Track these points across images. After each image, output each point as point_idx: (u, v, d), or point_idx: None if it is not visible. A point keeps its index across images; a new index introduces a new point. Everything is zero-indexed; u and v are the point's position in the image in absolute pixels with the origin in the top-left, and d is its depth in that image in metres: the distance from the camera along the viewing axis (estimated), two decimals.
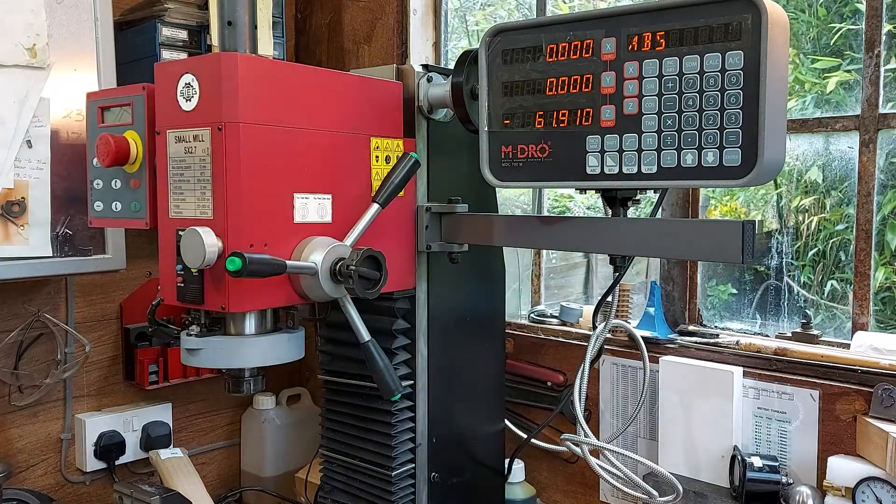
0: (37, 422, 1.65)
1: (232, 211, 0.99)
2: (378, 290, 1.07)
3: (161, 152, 1.07)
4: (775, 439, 1.37)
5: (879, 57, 1.34)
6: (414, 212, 1.25)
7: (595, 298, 1.87)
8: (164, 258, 1.07)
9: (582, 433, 1.27)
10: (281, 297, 1.07)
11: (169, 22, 1.58)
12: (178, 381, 1.78)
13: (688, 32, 0.92)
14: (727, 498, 1.34)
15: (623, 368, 1.56)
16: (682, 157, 0.94)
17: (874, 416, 1.25)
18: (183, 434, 1.88)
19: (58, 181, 1.46)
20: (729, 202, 1.70)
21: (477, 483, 1.42)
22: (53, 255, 1.47)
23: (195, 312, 1.10)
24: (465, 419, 1.38)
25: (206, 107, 1.01)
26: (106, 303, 1.73)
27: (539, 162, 1.06)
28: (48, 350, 1.65)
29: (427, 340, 1.29)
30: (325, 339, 1.34)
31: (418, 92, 1.24)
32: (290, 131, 1.05)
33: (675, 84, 0.94)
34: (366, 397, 1.29)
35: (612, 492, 1.57)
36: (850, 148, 1.43)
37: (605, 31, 0.98)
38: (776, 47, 0.89)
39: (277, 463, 1.91)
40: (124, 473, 1.75)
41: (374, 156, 1.18)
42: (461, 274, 1.34)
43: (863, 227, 1.37)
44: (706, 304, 1.62)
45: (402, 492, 1.29)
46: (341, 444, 1.34)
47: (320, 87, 1.09)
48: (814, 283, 1.53)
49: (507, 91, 1.07)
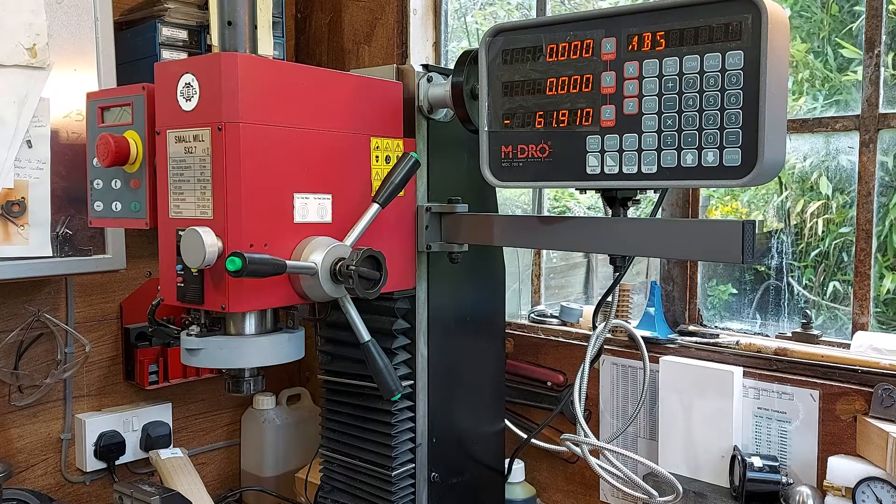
0: (37, 422, 1.65)
1: (232, 211, 0.99)
2: (378, 290, 1.07)
3: (161, 152, 1.07)
4: (775, 439, 1.37)
5: (879, 57, 1.34)
6: (414, 212, 1.25)
7: (595, 298, 1.87)
8: (164, 258, 1.07)
9: (582, 433, 1.27)
10: (281, 297, 1.07)
11: (169, 22, 1.58)
12: (178, 381, 1.78)
13: (688, 32, 0.92)
14: (727, 498, 1.34)
15: (623, 368, 1.56)
16: (683, 157, 0.94)
17: (874, 416, 1.25)
18: (183, 434, 1.88)
19: (58, 181, 1.47)
20: (730, 202, 1.70)
21: (477, 483, 1.42)
22: (53, 255, 1.47)
23: (195, 312, 1.10)
24: (465, 419, 1.38)
25: (206, 107, 1.01)
26: (106, 303, 1.73)
27: (539, 162, 1.06)
28: (48, 350, 1.65)
29: (427, 340, 1.29)
30: (325, 339, 1.34)
31: (418, 92, 1.24)
32: (290, 131, 1.05)
33: (676, 84, 0.94)
34: (366, 397, 1.29)
35: (611, 492, 1.57)
36: (850, 148, 1.43)
37: (605, 30, 0.98)
38: (776, 47, 0.89)
39: (277, 463, 1.91)
40: (124, 473, 1.75)
41: (374, 156, 1.17)
42: (461, 274, 1.34)
43: (863, 228, 1.37)
44: (706, 304, 1.62)
45: (402, 492, 1.29)
46: (341, 444, 1.34)
47: (320, 87, 1.09)
48: (815, 284, 1.53)
49: (507, 91, 1.07)
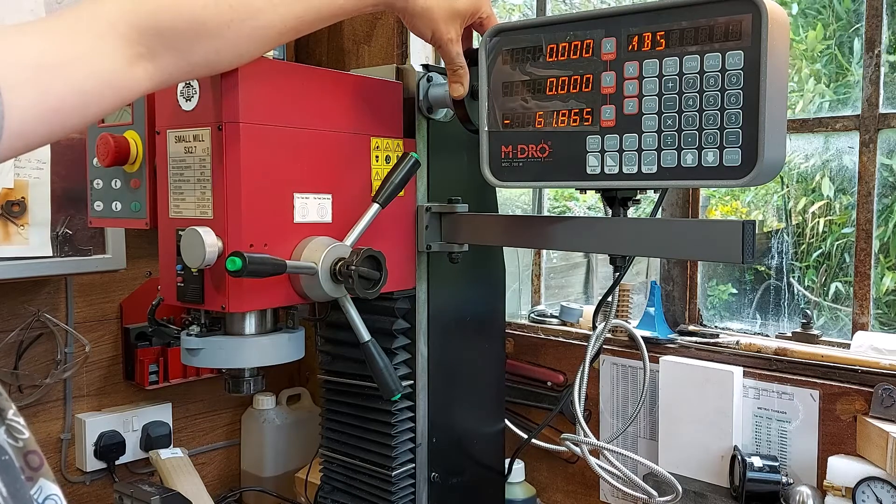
0: (37, 422, 1.65)
1: (232, 211, 0.99)
2: (378, 290, 1.07)
3: (161, 152, 1.07)
4: (775, 439, 1.37)
5: (879, 57, 1.34)
6: (414, 212, 1.25)
7: (595, 298, 1.87)
8: (164, 258, 1.07)
9: (582, 433, 1.27)
10: (281, 297, 1.07)
11: None
12: (178, 381, 1.78)
13: (688, 32, 0.92)
14: (727, 498, 1.34)
15: (623, 368, 1.56)
16: (683, 157, 0.94)
17: (874, 416, 1.25)
18: (183, 434, 1.88)
19: (58, 181, 1.46)
20: (730, 202, 1.70)
21: (477, 483, 1.42)
22: (53, 255, 1.47)
23: (195, 312, 1.10)
24: (465, 419, 1.38)
25: (206, 106, 1.01)
26: (106, 303, 1.73)
27: (539, 162, 1.06)
28: (48, 350, 1.65)
29: (427, 340, 1.29)
30: (325, 339, 1.34)
31: (418, 92, 1.24)
32: (290, 131, 1.05)
33: (676, 84, 0.94)
34: (366, 397, 1.29)
35: (611, 492, 1.57)
36: (850, 148, 1.43)
37: (605, 31, 0.98)
38: (776, 47, 0.89)
39: (277, 463, 1.91)
40: (124, 473, 1.75)
41: (374, 156, 1.17)
42: (461, 274, 1.34)
43: (863, 227, 1.37)
44: (706, 304, 1.62)
45: (402, 492, 1.29)
46: (341, 444, 1.34)
47: (320, 87, 1.09)
48: (817, 285, 1.53)
49: (507, 91, 1.07)
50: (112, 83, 0.80)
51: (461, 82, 1.13)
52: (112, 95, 0.80)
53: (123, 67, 0.80)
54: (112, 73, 0.79)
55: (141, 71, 0.83)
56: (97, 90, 0.78)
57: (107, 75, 0.79)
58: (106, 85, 0.79)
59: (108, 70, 0.79)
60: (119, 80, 0.80)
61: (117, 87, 0.80)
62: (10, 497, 0.56)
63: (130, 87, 0.82)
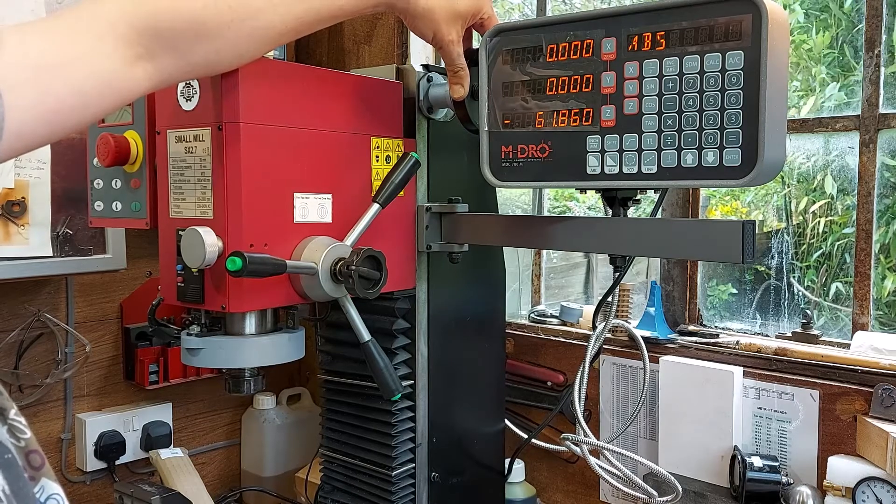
0: (37, 422, 1.65)
1: (232, 211, 0.99)
2: (378, 290, 1.07)
3: (161, 152, 1.07)
4: (775, 439, 1.37)
5: (879, 57, 1.34)
6: (414, 212, 1.25)
7: (595, 298, 1.87)
8: (164, 258, 1.08)
9: (582, 433, 1.27)
10: (281, 297, 1.07)
11: None
12: (179, 381, 1.78)
13: (688, 32, 0.92)
14: (727, 498, 1.34)
15: (623, 368, 1.56)
16: (683, 157, 0.94)
17: (874, 416, 1.25)
18: (183, 434, 1.88)
19: (58, 181, 1.46)
20: (730, 202, 1.70)
21: (477, 483, 1.42)
22: (53, 254, 1.47)
23: (195, 312, 1.10)
24: (465, 419, 1.38)
25: (206, 106, 1.01)
26: (106, 303, 1.73)
27: (539, 162, 1.06)
28: (48, 350, 1.65)
29: (427, 340, 1.29)
30: (325, 339, 1.34)
31: (418, 92, 1.24)
32: (290, 131, 1.05)
33: (676, 84, 0.94)
34: (366, 397, 1.29)
35: (611, 492, 1.57)
36: (850, 148, 1.43)
37: (605, 31, 0.98)
38: (776, 47, 0.89)
39: (277, 463, 1.91)
40: (124, 473, 1.75)
41: (375, 156, 1.18)
42: (461, 274, 1.34)
43: (863, 227, 1.37)
44: (706, 304, 1.62)
45: (402, 492, 1.29)
46: (341, 444, 1.34)
47: (320, 87, 1.09)
48: (817, 286, 1.53)
49: (507, 91, 1.07)
50: (112, 83, 0.80)
51: (462, 83, 1.13)
52: (112, 96, 0.80)
53: (123, 68, 0.80)
54: (112, 73, 0.79)
55: (140, 71, 0.83)
56: (97, 90, 0.78)
57: (106, 75, 0.79)
58: (106, 85, 0.79)
59: (108, 70, 0.79)
60: (119, 80, 0.80)
61: (117, 88, 0.81)
62: (14, 495, 0.56)
63: (130, 88, 0.82)
